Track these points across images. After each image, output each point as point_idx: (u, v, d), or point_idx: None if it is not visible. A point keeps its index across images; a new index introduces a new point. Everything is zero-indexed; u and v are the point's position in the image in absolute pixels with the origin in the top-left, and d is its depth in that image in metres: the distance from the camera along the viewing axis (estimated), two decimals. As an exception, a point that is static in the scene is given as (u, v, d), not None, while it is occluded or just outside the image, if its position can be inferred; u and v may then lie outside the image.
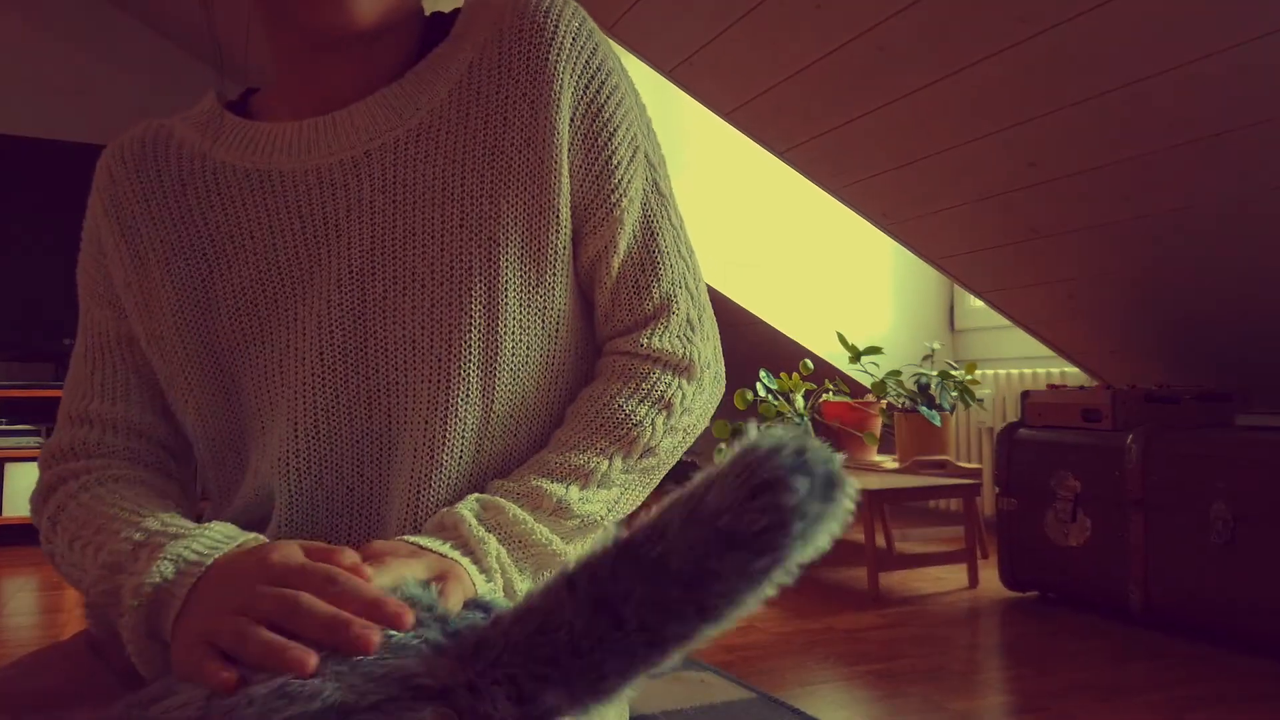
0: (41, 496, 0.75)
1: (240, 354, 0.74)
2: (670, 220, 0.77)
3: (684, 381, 0.74)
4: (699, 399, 0.76)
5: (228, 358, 0.74)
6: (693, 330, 0.76)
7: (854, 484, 0.44)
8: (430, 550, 0.61)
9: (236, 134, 0.76)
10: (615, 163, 0.73)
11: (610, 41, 0.78)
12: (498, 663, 0.46)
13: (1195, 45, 1.63)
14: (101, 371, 0.78)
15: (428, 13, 0.81)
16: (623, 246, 0.74)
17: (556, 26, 0.72)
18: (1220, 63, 1.64)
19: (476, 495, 0.68)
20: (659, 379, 0.74)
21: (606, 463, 0.70)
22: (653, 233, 0.76)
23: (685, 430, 0.75)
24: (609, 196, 0.73)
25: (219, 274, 0.74)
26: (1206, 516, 2.00)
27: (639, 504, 0.72)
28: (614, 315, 0.76)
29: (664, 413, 0.73)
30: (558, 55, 0.71)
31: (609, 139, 0.73)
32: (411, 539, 0.63)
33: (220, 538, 0.60)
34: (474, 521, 0.65)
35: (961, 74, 1.93)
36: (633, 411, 0.72)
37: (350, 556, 0.56)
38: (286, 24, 0.71)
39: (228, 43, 3.52)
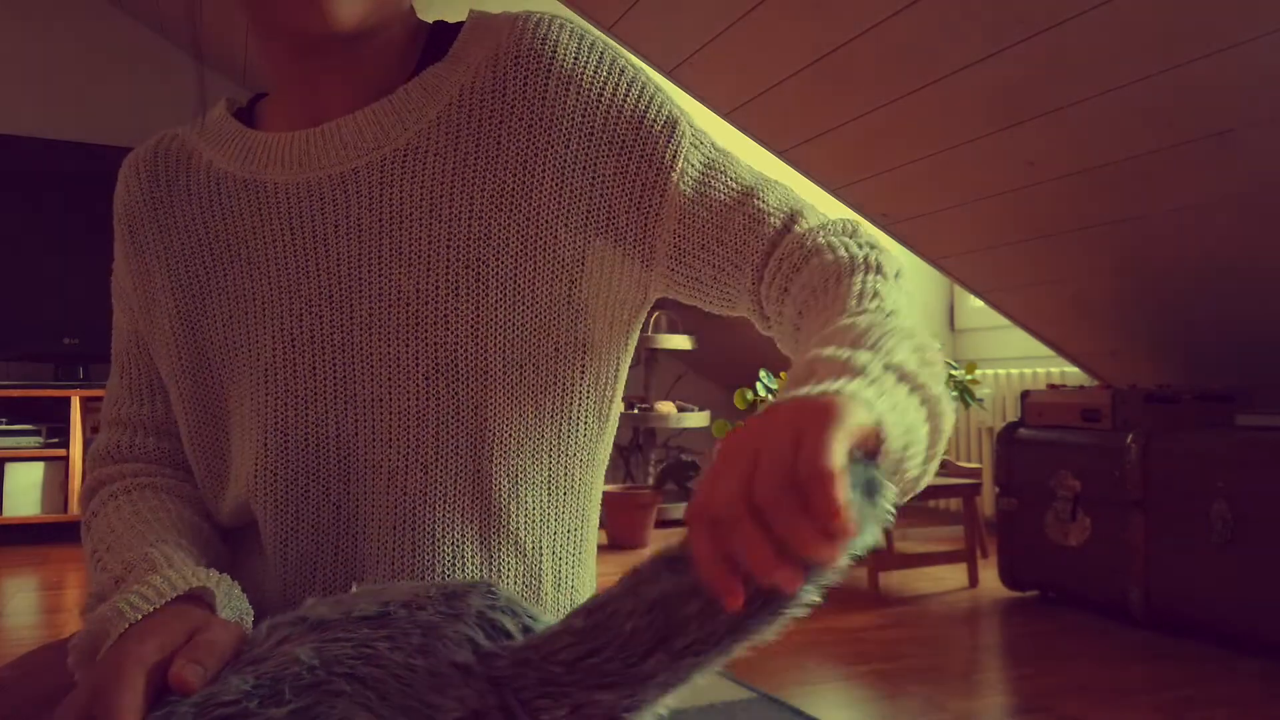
0: (84, 499, 0.79)
1: (228, 362, 0.74)
2: (742, 164, 0.74)
3: (859, 235, 0.68)
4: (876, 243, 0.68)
5: (217, 366, 0.75)
6: (822, 216, 0.71)
7: (892, 490, 0.43)
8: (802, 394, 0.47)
9: (237, 143, 0.77)
10: (653, 144, 0.71)
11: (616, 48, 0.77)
12: (538, 683, 0.46)
13: (1195, 45, 1.63)
14: (129, 375, 0.81)
15: (431, 19, 0.80)
16: (712, 203, 0.71)
17: (555, 51, 0.71)
18: (1220, 62, 1.64)
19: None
20: (840, 240, 0.67)
21: (876, 279, 0.62)
22: (732, 175, 0.72)
23: (903, 274, 0.66)
24: (659, 176, 0.71)
25: (214, 282, 0.75)
26: (1206, 516, 2.00)
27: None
28: (749, 261, 0.70)
29: (871, 247, 0.66)
30: (558, 81, 0.71)
31: (638, 126, 0.71)
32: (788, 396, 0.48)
33: (153, 594, 0.59)
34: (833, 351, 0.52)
35: (961, 74, 1.93)
36: (850, 256, 0.64)
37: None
38: (270, 29, 0.71)
39: (228, 44, 3.52)
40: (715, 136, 0.77)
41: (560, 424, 0.74)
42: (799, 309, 0.65)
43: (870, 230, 0.71)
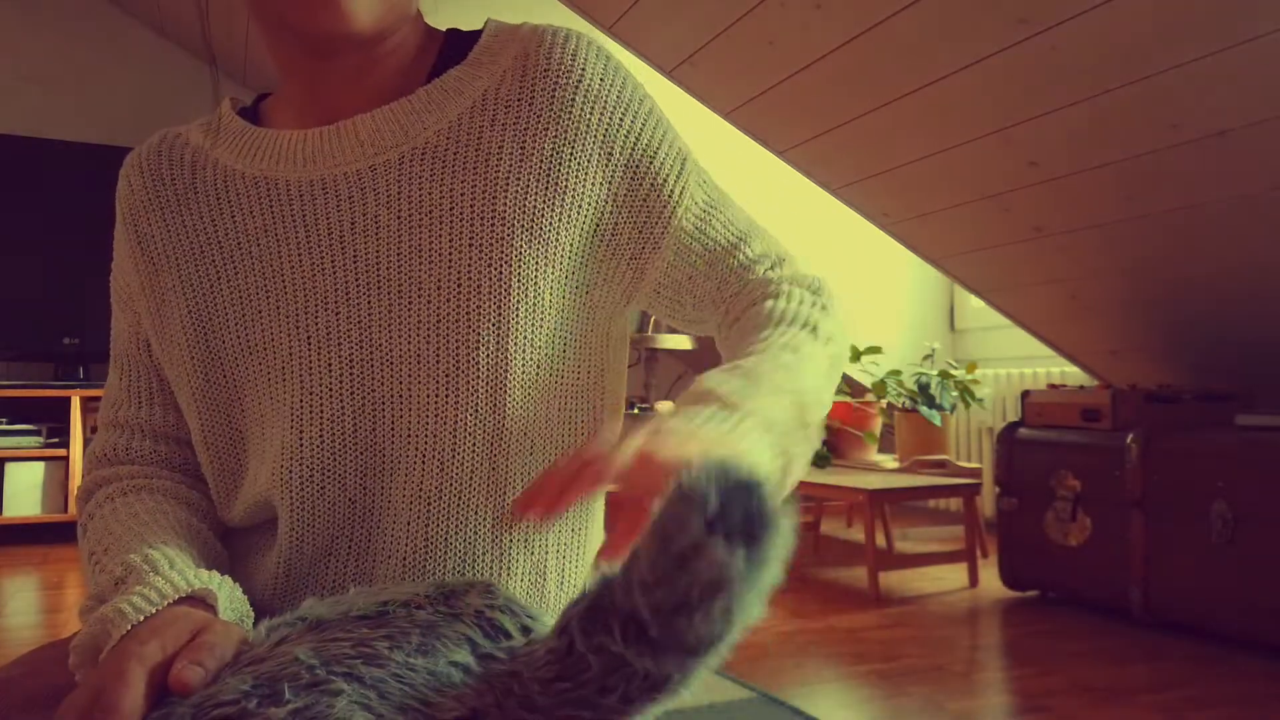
0: (81, 500, 0.79)
1: (243, 361, 0.74)
2: (736, 206, 0.80)
3: (821, 295, 0.76)
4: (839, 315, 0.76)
5: (231, 365, 0.75)
6: (808, 272, 0.78)
7: (788, 516, 0.42)
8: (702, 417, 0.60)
9: (245, 141, 0.77)
10: (664, 177, 0.75)
11: (616, 48, 0.79)
12: (525, 703, 0.46)
13: (1195, 45, 1.63)
14: (129, 377, 0.81)
15: (444, 28, 0.81)
16: (708, 243, 0.76)
17: (584, 70, 0.74)
18: (1220, 63, 1.64)
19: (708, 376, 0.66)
20: (799, 293, 0.74)
21: (805, 335, 0.70)
22: (728, 218, 0.78)
23: (839, 340, 0.75)
24: (665, 209, 0.75)
25: (226, 280, 0.75)
26: (1206, 516, 2.00)
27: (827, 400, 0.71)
28: (726, 295, 0.77)
29: (822, 309, 0.74)
30: (585, 97, 0.73)
31: (652, 157, 0.75)
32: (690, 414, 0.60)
33: (155, 595, 0.59)
34: (725, 380, 0.63)
35: (962, 73, 1.93)
36: (795, 310, 0.72)
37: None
38: (282, 30, 0.71)
39: (228, 44, 3.53)
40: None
41: (570, 422, 0.75)
42: (733, 340, 0.74)
43: (835, 294, 0.79)
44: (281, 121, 0.79)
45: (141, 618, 0.57)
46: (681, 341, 3.65)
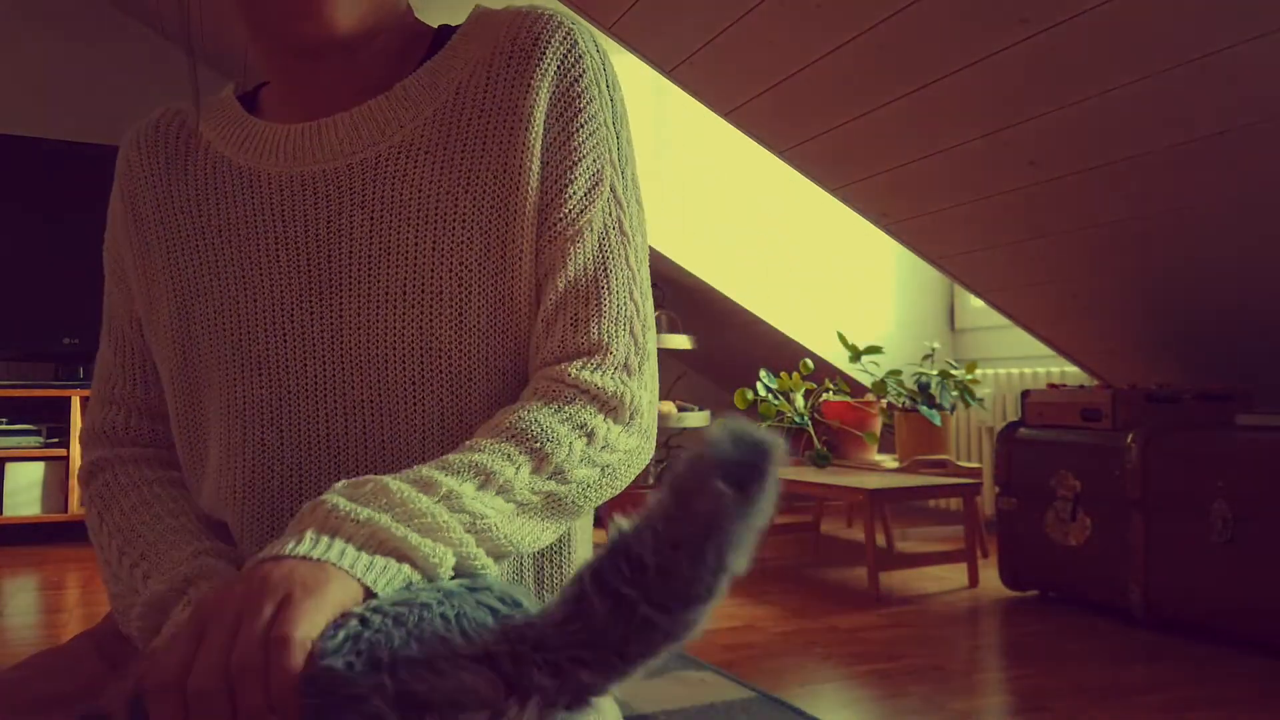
0: (83, 480, 0.80)
1: (215, 347, 0.74)
2: (628, 261, 0.74)
3: (609, 418, 0.69)
4: (625, 441, 0.70)
5: (206, 350, 0.75)
6: (629, 375, 0.71)
7: (780, 444, 0.48)
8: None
9: (237, 129, 0.77)
10: (573, 190, 0.72)
11: (609, 55, 0.77)
12: (538, 645, 0.49)
13: (1195, 45, 1.63)
14: (123, 353, 0.81)
15: (436, 24, 0.81)
16: (570, 275, 0.72)
17: (544, 53, 0.71)
18: (1221, 62, 1.64)
19: (344, 482, 0.60)
20: (583, 408, 0.68)
21: (512, 469, 0.63)
22: (605, 269, 0.72)
23: (605, 469, 0.68)
24: (560, 221, 0.72)
25: (208, 267, 0.75)
26: (1206, 516, 2.00)
27: (534, 543, 0.66)
28: (545, 344, 0.72)
29: (584, 439, 0.67)
30: (540, 81, 0.71)
31: (571, 166, 0.72)
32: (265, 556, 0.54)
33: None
34: (341, 502, 0.57)
35: (962, 73, 1.93)
36: (549, 426, 0.66)
37: None
38: (266, 35, 0.72)
39: (227, 43, 3.52)
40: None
41: None
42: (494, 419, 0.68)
43: (611, 433, 0.71)
44: (274, 112, 0.79)
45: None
46: (681, 342, 3.65)
